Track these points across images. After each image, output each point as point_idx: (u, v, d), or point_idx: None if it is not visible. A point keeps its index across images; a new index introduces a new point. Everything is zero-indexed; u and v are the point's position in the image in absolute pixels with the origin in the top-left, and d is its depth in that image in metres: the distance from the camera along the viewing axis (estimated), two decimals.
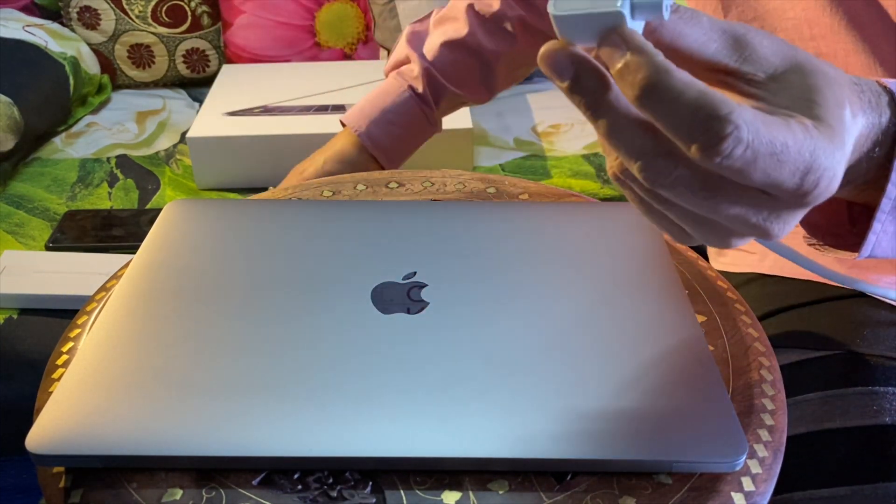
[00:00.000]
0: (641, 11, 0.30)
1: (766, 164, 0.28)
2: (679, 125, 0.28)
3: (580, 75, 0.30)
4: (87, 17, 1.32)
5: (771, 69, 0.32)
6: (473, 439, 0.36)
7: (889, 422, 0.49)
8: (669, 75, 0.28)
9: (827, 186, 0.30)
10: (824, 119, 0.30)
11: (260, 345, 0.41)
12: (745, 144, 0.28)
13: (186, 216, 0.52)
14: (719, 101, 0.28)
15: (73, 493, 0.36)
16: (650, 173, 0.30)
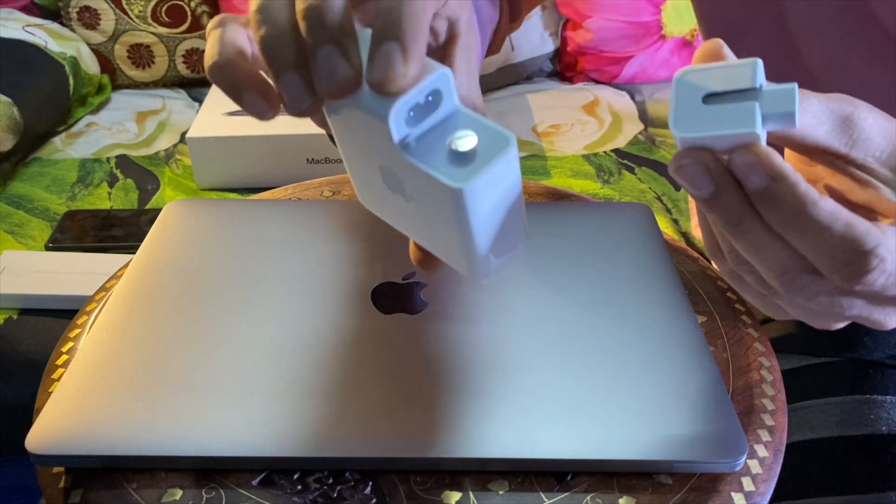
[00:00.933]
0: (774, 121, 0.28)
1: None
2: (823, 255, 0.28)
3: (722, 191, 0.29)
4: (86, 17, 1.32)
5: (878, 151, 0.31)
6: (473, 439, 0.36)
7: (885, 431, 0.49)
8: (815, 207, 0.27)
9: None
10: None
11: (259, 345, 0.41)
12: (888, 274, 0.28)
13: (186, 216, 0.52)
14: (865, 233, 0.27)
15: (73, 493, 0.36)
16: (792, 286, 0.30)
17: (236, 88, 0.29)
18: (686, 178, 0.29)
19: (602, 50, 1.38)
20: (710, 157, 0.28)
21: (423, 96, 0.28)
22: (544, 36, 1.41)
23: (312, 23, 0.27)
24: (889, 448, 0.48)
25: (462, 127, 0.29)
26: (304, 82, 0.28)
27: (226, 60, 0.29)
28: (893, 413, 0.50)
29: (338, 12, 0.27)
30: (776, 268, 0.29)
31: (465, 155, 0.28)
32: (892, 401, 0.50)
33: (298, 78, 0.28)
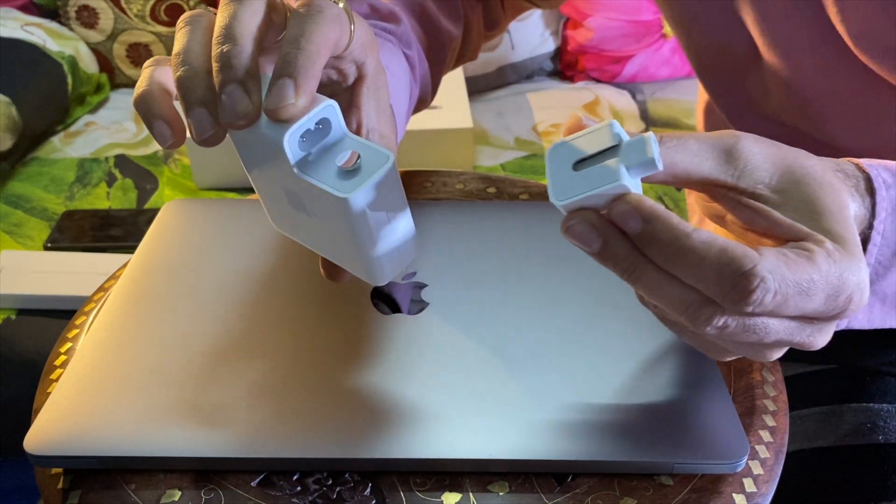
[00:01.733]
0: (637, 170, 0.31)
1: (796, 302, 0.30)
2: (707, 284, 0.29)
3: (609, 243, 0.31)
4: (85, 16, 1.31)
5: (766, 178, 0.33)
6: (473, 440, 0.36)
7: (882, 440, 0.48)
8: (689, 239, 0.29)
9: (860, 299, 0.31)
10: (836, 232, 0.31)
11: (258, 345, 0.41)
12: (773, 292, 0.29)
13: (185, 216, 0.52)
14: (741, 256, 0.29)
15: (72, 494, 0.36)
16: (699, 321, 0.31)
17: (150, 118, 0.33)
18: (575, 237, 0.31)
19: (603, 49, 1.38)
20: (592, 215, 0.31)
21: (312, 123, 0.33)
22: (545, 35, 1.41)
23: (223, 64, 0.32)
24: (886, 458, 0.48)
25: (348, 148, 0.33)
26: (210, 115, 0.32)
27: (147, 93, 0.33)
28: (890, 422, 0.49)
29: (245, 58, 0.32)
30: (678, 306, 0.31)
31: (350, 171, 0.32)
32: (889, 409, 0.50)
33: (206, 112, 0.32)
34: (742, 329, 0.31)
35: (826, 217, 0.32)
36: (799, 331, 0.32)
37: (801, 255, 0.30)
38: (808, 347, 0.33)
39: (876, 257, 0.35)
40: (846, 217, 0.32)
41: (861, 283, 0.31)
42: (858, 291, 0.31)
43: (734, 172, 0.33)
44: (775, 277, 0.29)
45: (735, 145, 0.33)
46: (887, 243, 0.35)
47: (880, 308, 0.37)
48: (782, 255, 0.30)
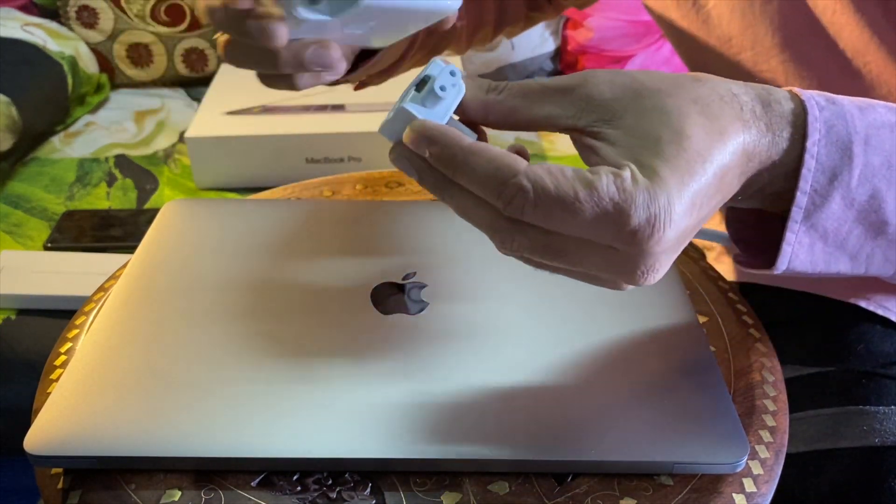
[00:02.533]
0: (428, 100, 0.34)
1: (561, 216, 0.30)
2: (485, 191, 0.31)
3: (422, 172, 0.34)
4: (85, 16, 1.31)
5: (607, 115, 0.33)
6: (473, 440, 0.36)
7: (878, 443, 0.48)
8: (464, 150, 0.31)
9: (662, 232, 0.30)
10: (646, 162, 0.31)
11: (259, 345, 0.41)
12: (533, 202, 0.30)
13: (185, 216, 0.52)
14: (505, 165, 0.31)
15: (72, 494, 0.36)
16: (498, 240, 0.33)
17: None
18: (400, 169, 0.34)
19: (603, 49, 1.38)
20: (406, 150, 0.33)
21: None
22: (545, 35, 1.41)
23: None
24: (882, 461, 0.48)
25: None
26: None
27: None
28: (886, 424, 0.49)
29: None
30: (482, 224, 0.33)
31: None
32: (885, 412, 0.50)
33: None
34: (542, 247, 0.32)
35: (646, 147, 0.31)
36: (608, 260, 0.32)
37: (578, 174, 0.30)
38: (631, 281, 0.33)
39: (811, 183, 0.34)
40: (675, 147, 0.31)
41: (655, 216, 0.30)
42: (656, 223, 0.30)
43: (574, 113, 0.33)
44: (535, 188, 0.30)
45: (579, 86, 0.33)
46: (822, 168, 0.34)
47: (822, 248, 0.35)
48: (552, 171, 0.30)
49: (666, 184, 0.30)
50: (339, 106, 1.12)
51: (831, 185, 0.34)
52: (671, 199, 0.30)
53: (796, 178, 0.34)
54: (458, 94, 0.34)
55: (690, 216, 0.31)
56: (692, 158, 0.31)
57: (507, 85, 0.35)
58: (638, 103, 0.33)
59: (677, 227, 0.31)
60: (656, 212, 0.30)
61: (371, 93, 0.54)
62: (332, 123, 1.07)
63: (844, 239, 0.35)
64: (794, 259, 0.35)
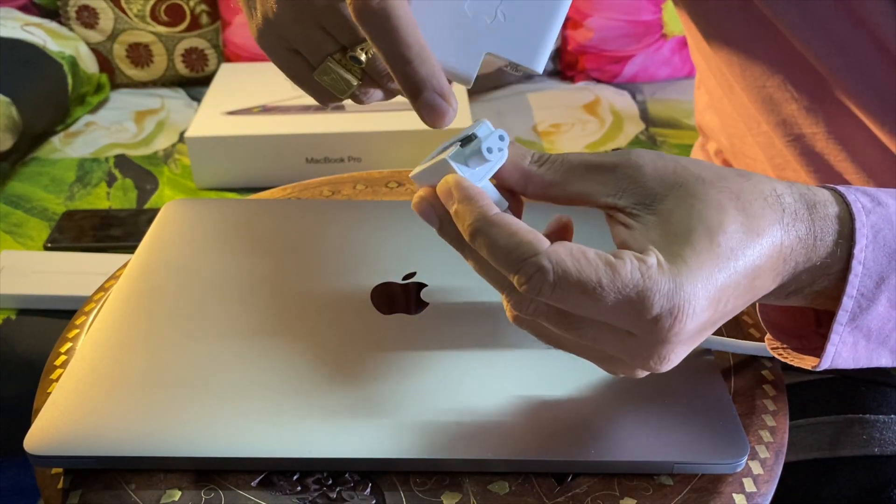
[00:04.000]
0: (471, 159, 0.34)
1: (578, 299, 0.30)
2: (502, 266, 0.31)
3: (443, 225, 0.34)
4: (85, 16, 1.31)
5: (649, 198, 0.32)
6: (473, 440, 0.36)
7: (878, 452, 0.48)
8: (487, 220, 0.31)
9: (682, 323, 0.30)
10: (674, 251, 0.31)
11: (259, 345, 0.41)
12: (552, 284, 0.30)
13: (185, 216, 0.52)
14: (528, 243, 0.30)
15: (72, 494, 0.36)
16: (513, 304, 0.32)
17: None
18: (421, 215, 0.34)
19: (603, 49, 1.38)
20: (432, 195, 0.34)
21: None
22: None
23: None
24: (882, 469, 0.47)
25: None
26: None
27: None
28: (886, 433, 0.49)
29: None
30: (498, 286, 0.33)
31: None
32: (885, 420, 0.50)
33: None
34: (557, 320, 0.31)
35: (679, 236, 0.31)
36: (622, 344, 0.31)
37: (601, 258, 0.30)
38: (646, 368, 0.32)
39: (858, 288, 0.34)
40: (708, 240, 0.31)
41: (677, 306, 0.30)
42: (670, 315, 0.30)
43: (615, 192, 0.33)
44: (556, 270, 0.29)
45: (622, 165, 0.33)
46: (869, 273, 0.34)
47: (865, 345, 0.36)
48: (575, 253, 0.30)
49: (692, 275, 0.30)
50: (339, 106, 1.12)
51: (878, 288, 0.34)
52: (696, 291, 0.30)
53: (841, 280, 0.34)
54: (500, 159, 0.34)
55: (714, 310, 0.31)
56: (723, 254, 0.31)
57: (548, 157, 0.34)
58: (679, 190, 0.32)
59: (698, 319, 0.30)
60: (679, 302, 0.30)
61: None
62: (332, 123, 1.07)
63: (888, 336, 0.35)
64: (836, 357, 0.36)
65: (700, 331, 0.32)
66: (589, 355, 0.34)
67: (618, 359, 0.33)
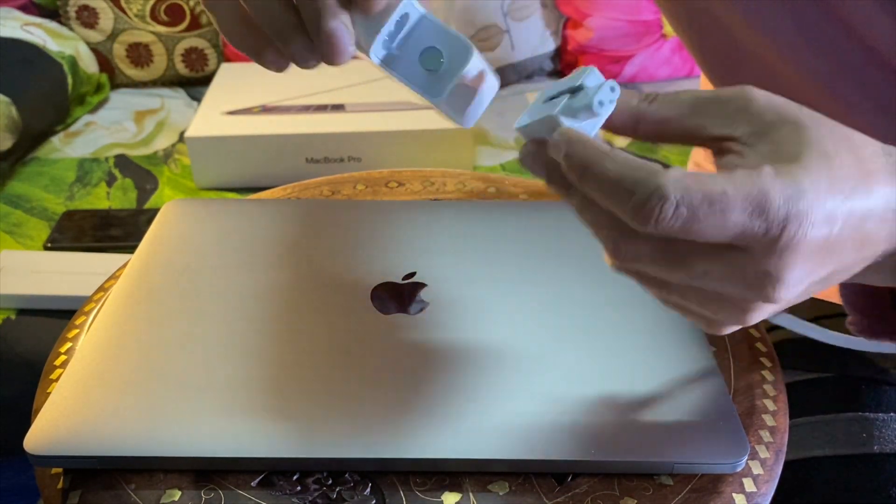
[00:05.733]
0: (580, 113, 0.33)
1: (706, 216, 0.28)
2: (612, 197, 0.30)
3: (550, 173, 0.33)
4: (85, 15, 1.31)
5: (763, 128, 0.32)
6: (473, 440, 0.36)
7: (878, 450, 0.48)
8: (601, 156, 0.30)
9: (805, 228, 0.29)
10: (797, 159, 0.30)
11: (259, 345, 0.41)
12: (674, 203, 0.28)
13: (185, 216, 0.52)
14: (641, 165, 0.29)
15: (72, 494, 0.36)
16: (614, 249, 0.32)
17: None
18: (526, 166, 0.34)
19: (603, 49, 1.38)
20: (536, 147, 0.34)
21: (393, 24, 0.34)
22: (545, 35, 1.41)
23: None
24: (881, 468, 0.48)
25: (429, 41, 0.35)
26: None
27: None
28: (886, 431, 0.49)
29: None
30: (598, 228, 0.32)
31: (435, 71, 0.34)
32: (885, 418, 0.50)
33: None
34: (662, 254, 0.30)
35: (790, 159, 0.30)
36: (730, 271, 0.30)
37: (717, 173, 0.29)
38: (752, 298, 0.31)
39: None
40: (822, 163, 0.30)
41: (799, 211, 0.29)
42: (795, 219, 0.28)
43: (730, 122, 0.32)
44: (676, 186, 0.28)
45: (737, 97, 0.32)
46: None
47: None
48: (691, 172, 0.29)
49: (810, 185, 0.29)
50: (339, 106, 1.12)
51: None
52: (814, 201, 0.29)
53: None
54: (609, 110, 0.33)
55: (829, 232, 0.30)
56: (835, 178, 0.30)
57: (657, 95, 0.34)
58: (792, 121, 0.32)
59: (819, 232, 0.29)
60: (802, 207, 0.29)
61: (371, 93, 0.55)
62: (332, 123, 1.07)
63: None
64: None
65: (818, 253, 0.30)
66: (694, 300, 0.32)
67: (726, 300, 0.31)
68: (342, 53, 0.33)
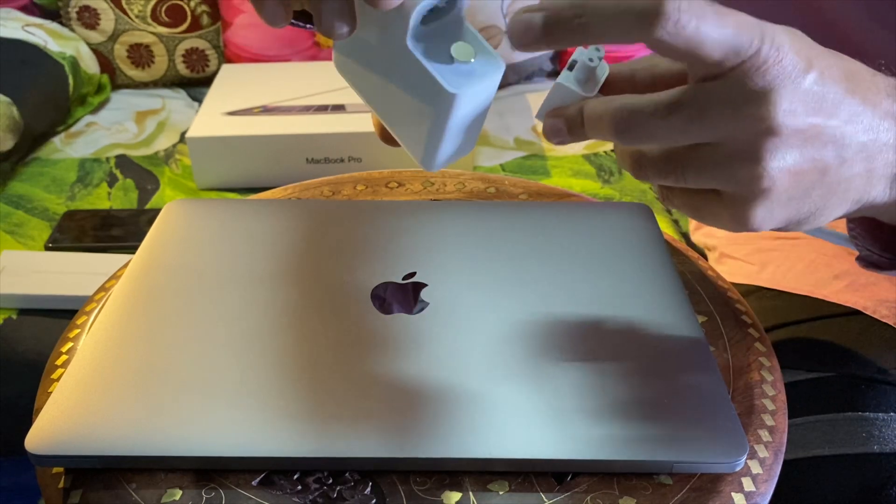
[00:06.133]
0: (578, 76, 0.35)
1: (714, 20, 0.30)
2: (624, 15, 0.30)
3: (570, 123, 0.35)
4: (86, 16, 1.32)
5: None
6: (473, 439, 0.36)
7: (878, 450, 0.48)
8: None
9: (782, 52, 0.30)
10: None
11: (259, 345, 0.41)
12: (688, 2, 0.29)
13: (186, 216, 0.52)
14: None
15: (73, 493, 0.36)
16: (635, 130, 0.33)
17: None
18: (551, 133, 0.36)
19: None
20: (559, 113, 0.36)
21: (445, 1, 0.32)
22: None
23: None
24: (881, 467, 0.48)
25: (465, 39, 0.33)
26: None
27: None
28: (886, 431, 0.49)
29: None
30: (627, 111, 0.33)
31: (462, 66, 0.33)
32: (884, 418, 0.50)
33: None
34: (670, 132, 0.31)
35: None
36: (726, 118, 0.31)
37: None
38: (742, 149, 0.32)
39: None
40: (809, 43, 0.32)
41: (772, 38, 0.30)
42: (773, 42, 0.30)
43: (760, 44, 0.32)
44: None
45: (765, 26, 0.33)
46: None
47: None
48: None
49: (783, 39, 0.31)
50: (339, 106, 1.13)
51: None
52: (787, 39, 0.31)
53: None
54: (604, 69, 0.35)
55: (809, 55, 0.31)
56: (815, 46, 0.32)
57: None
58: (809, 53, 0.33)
59: (798, 56, 0.31)
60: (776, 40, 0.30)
61: None
62: (332, 123, 1.08)
63: None
64: None
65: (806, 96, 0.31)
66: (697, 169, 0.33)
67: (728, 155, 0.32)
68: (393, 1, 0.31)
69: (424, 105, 0.34)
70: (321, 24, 0.33)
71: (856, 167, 0.33)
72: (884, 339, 0.54)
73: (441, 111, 0.33)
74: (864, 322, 0.55)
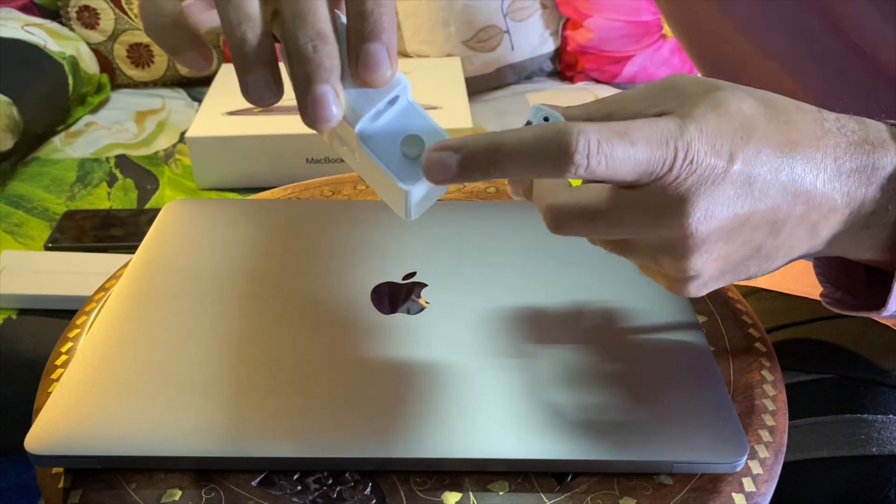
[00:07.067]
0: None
1: (624, 149, 0.30)
2: (536, 161, 0.31)
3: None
4: (86, 16, 1.32)
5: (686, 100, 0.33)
6: (473, 440, 0.36)
7: (877, 452, 0.48)
8: (502, 133, 0.31)
9: (693, 154, 0.31)
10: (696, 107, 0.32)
11: (259, 345, 0.41)
12: (596, 140, 0.30)
13: (185, 216, 0.52)
14: (554, 122, 0.31)
15: (73, 493, 0.36)
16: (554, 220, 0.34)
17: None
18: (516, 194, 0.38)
19: (602, 49, 1.38)
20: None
21: (385, 104, 0.33)
22: (544, 35, 1.41)
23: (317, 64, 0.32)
24: (880, 469, 0.48)
25: (413, 128, 0.34)
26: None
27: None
28: (884, 433, 0.49)
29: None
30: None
31: (413, 158, 0.34)
32: (883, 420, 0.50)
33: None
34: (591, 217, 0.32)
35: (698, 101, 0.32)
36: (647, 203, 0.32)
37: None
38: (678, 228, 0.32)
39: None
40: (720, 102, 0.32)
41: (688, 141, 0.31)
42: (684, 147, 0.31)
43: (661, 102, 0.33)
44: (593, 127, 0.30)
45: (667, 80, 0.34)
46: None
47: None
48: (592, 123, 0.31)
49: (688, 126, 0.31)
50: None
51: None
52: (694, 136, 0.31)
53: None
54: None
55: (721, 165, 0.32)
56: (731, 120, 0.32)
57: (595, 102, 0.36)
58: (713, 89, 0.33)
59: (711, 161, 0.31)
60: (683, 142, 0.31)
61: None
62: None
63: None
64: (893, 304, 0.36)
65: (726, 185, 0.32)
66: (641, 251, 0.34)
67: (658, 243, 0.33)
68: (327, 121, 0.32)
69: (387, 184, 0.35)
70: (248, 95, 0.33)
71: (796, 232, 0.34)
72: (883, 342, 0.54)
73: (406, 195, 0.35)
74: (864, 324, 0.55)
